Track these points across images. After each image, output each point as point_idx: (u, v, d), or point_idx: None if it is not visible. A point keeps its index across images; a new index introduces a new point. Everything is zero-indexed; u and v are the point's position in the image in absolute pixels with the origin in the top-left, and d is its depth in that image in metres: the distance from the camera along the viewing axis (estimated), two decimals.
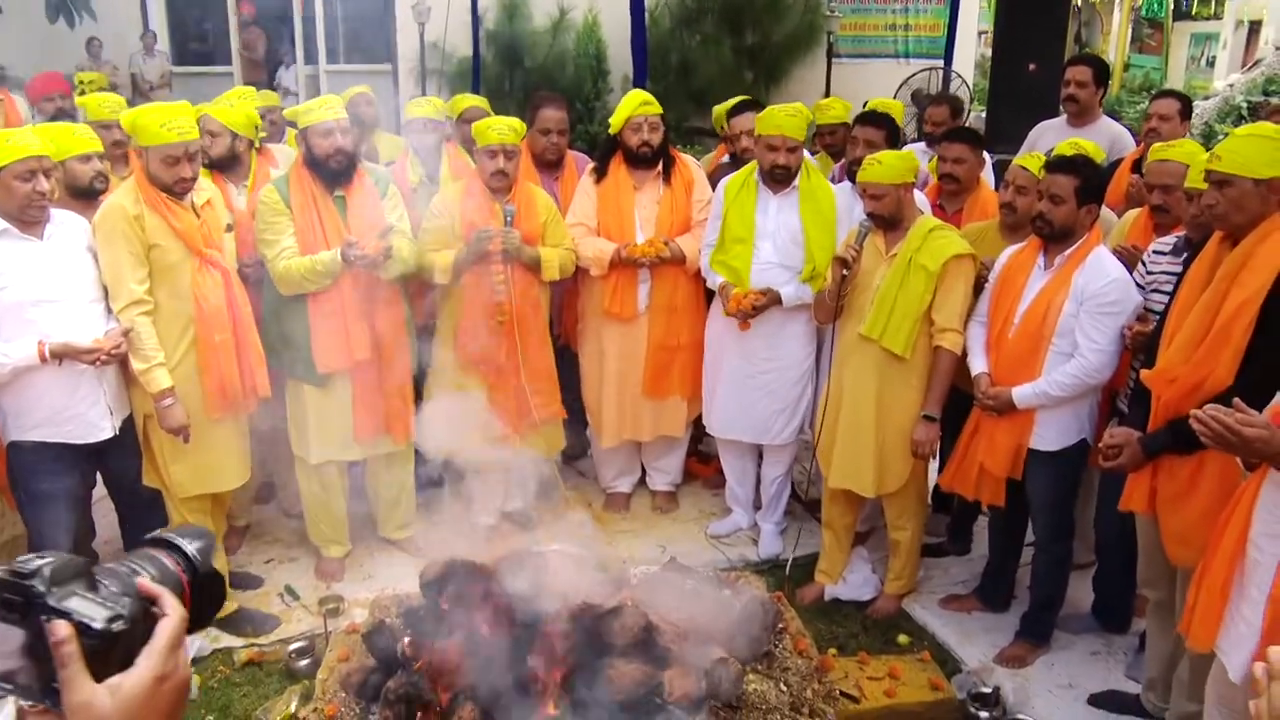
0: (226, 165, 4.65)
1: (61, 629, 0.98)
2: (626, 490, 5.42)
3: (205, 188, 4.12)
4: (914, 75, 10.34)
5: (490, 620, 3.19)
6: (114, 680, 1.01)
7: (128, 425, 4.05)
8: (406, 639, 3.36)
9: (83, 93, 6.05)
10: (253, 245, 4.39)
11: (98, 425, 3.89)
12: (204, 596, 1.17)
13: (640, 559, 4.54)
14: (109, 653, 1.01)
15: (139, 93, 11.69)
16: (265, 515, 5.31)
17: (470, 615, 3.23)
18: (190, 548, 1.17)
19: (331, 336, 4.35)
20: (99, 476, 4.23)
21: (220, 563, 4.42)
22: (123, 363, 3.92)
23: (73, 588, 1.02)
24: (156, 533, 1.18)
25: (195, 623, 1.13)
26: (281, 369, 4.44)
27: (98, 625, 1.00)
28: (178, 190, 3.87)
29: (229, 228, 4.20)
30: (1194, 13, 19.21)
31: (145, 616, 1.06)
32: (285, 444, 4.81)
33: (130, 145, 4.05)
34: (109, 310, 3.88)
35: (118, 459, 4.07)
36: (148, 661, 1.04)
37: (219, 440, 4.18)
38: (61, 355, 3.66)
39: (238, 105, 4.87)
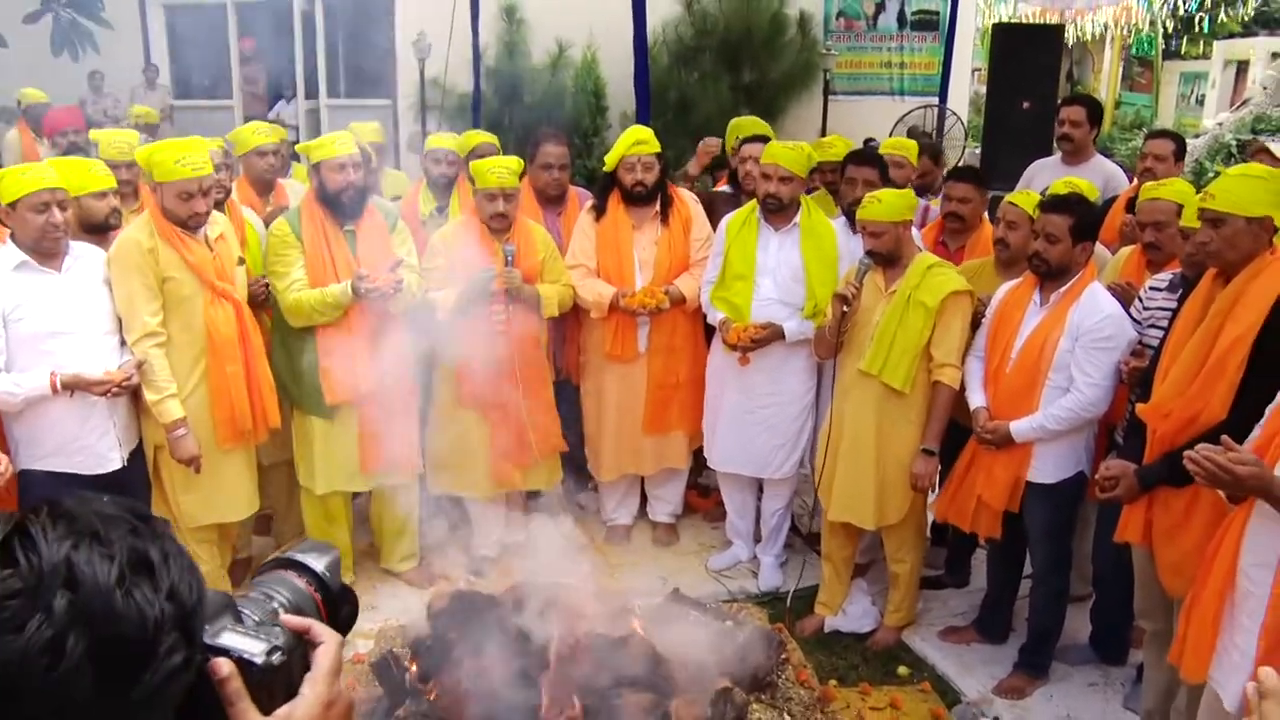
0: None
1: (224, 666, 0.99)
2: (627, 522, 5.46)
3: (218, 221, 4.19)
4: (909, 112, 10.46)
5: (498, 650, 3.23)
6: (282, 711, 1.03)
7: (137, 456, 4.10)
8: (413, 668, 3.40)
9: (136, 125, 6.14)
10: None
11: (106, 457, 3.94)
12: (339, 611, 1.18)
13: (643, 591, 4.57)
14: (272, 685, 1.03)
15: (140, 126, 11.77)
16: (266, 546, 5.33)
17: (477, 645, 3.27)
18: (318, 565, 1.18)
19: (340, 368, 4.40)
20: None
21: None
22: (134, 394, 3.97)
23: (222, 623, 1.03)
24: (281, 553, 1.19)
25: None
26: (288, 400, 4.50)
27: (259, 660, 1.02)
28: (192, 224, 3.94)
29: (241, 260, 4.26)
30: (1183, 52, 19.49)
31: (299, 643, 1.08)
32: (283, 476, 4.85)
33: (143, 179, 4.13)
34: (123, 342, 3.93)
35: (127, 490, 4.10)
36: (313, 689, 1.06)
37: (229, 471, 4.23)
38: (72, 387, 3.72)
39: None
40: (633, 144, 4.94)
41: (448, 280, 4.67)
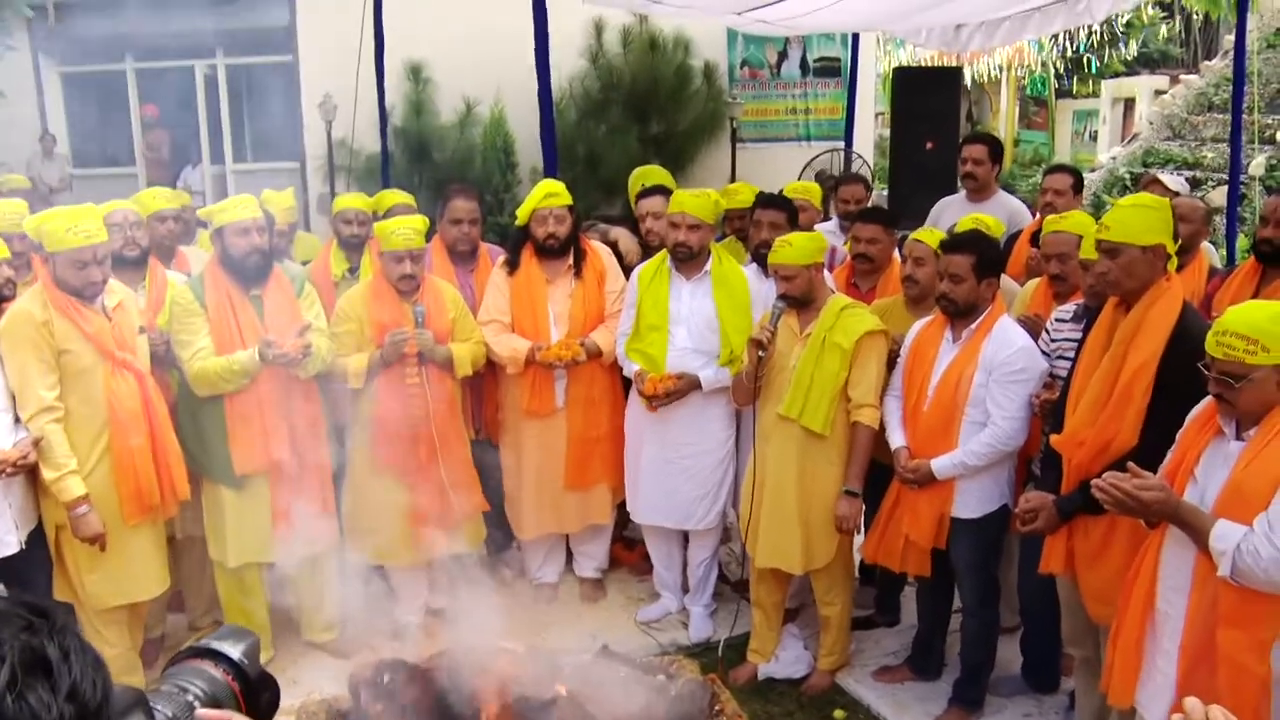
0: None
1: None
2: (553, 580, 5.36)
3: (116, 289, 4.05)
4: (816, 157, 10.67)
5: (425, 718, 3.12)
6: None
7: (36, 538, 3.91)
8: None
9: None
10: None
11: (3, 540, 3.76)
12: (259, 699, 1.12)
13: (572, 649, 4.47)
14: None
15: (38, 196, 11.48)
16: (180, 624, 5.12)
17: (402, 715, 3.16)
18: (235, 653, 1.12)
19: (249, 436, 4.28)
20: (5, 592, 4.05)
21: (137, 679, 4.25)
22: (31, 472, 3.80)
23: (135, 717, 0.98)
24: (196, 641, 1.13)
25: None
26: (197, 471, 4.35)
27: None
28: (88, 294, 3.81)
29: (141, 329, 4.12)
30: (1075, 91, 20.23)
31: None
32: (195, 549, 4.68)
33: (32, 251, 3.99)
34: (17, 419, 3.77)
35: (26, 574, 3.91)
36: None
37: (137, 548, 4.06)
38: None
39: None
40: (544, 196, 4.92)
41: (358, 343, 4.59)
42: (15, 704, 0.82)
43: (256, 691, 1.12)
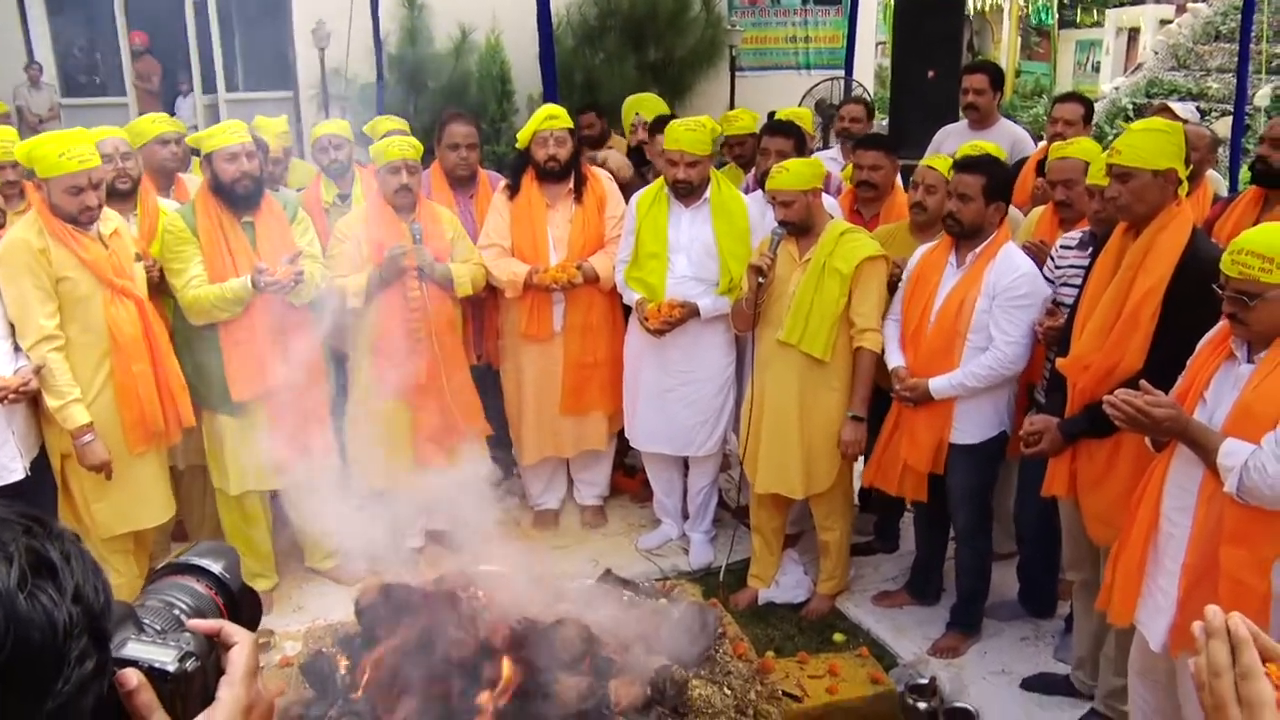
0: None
1: (132, 678, 0.93)
2: (554, 506, 5.39)
3: (111, 216, 4.00)
4: (816, 85, 10.50)
5: (429, 642, 3.14)
6: (200, 718, 0.97)
7: (42, 466, 3.91)
8: (344, 667, 3.29)
9: None
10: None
11: (7, 467, 3.75)
12: (243, 615, 1.11)
13: (574, 574, 4.51)
14: (187, 693, 0.97)
15: (26, 126, 11.32)
16: None
17: (409, 639, 3.19)
18: (216, 567, 1.11)
19: (245, 364, 4.26)
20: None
21: None
22: (33, 401, 3.79)
23: (125, 634, 0.96)
24: (175, 558, 1.12)
25: None
26: (196, 400, 4.33)
27: (171, 668, 0.96)
28: (83, 220, 3.76)
29: (138, 256, 4.08)
30: (1078, 21, 19.96)
31: (211, 647, 1.03)
32: (198, 479, 4.69)
33: (26, 178, 3.92)
34: (18, 348, 3.74)
35: (31, 501, 3.90)
36: (231, 692, 1.00)
37: (142, 475, 4.06)
38: None
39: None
40: (545, 119, 4.87)
41: (355, 265, 4.56)
42: (29, 602, 0.80)
43: (239, 606, 1.12)
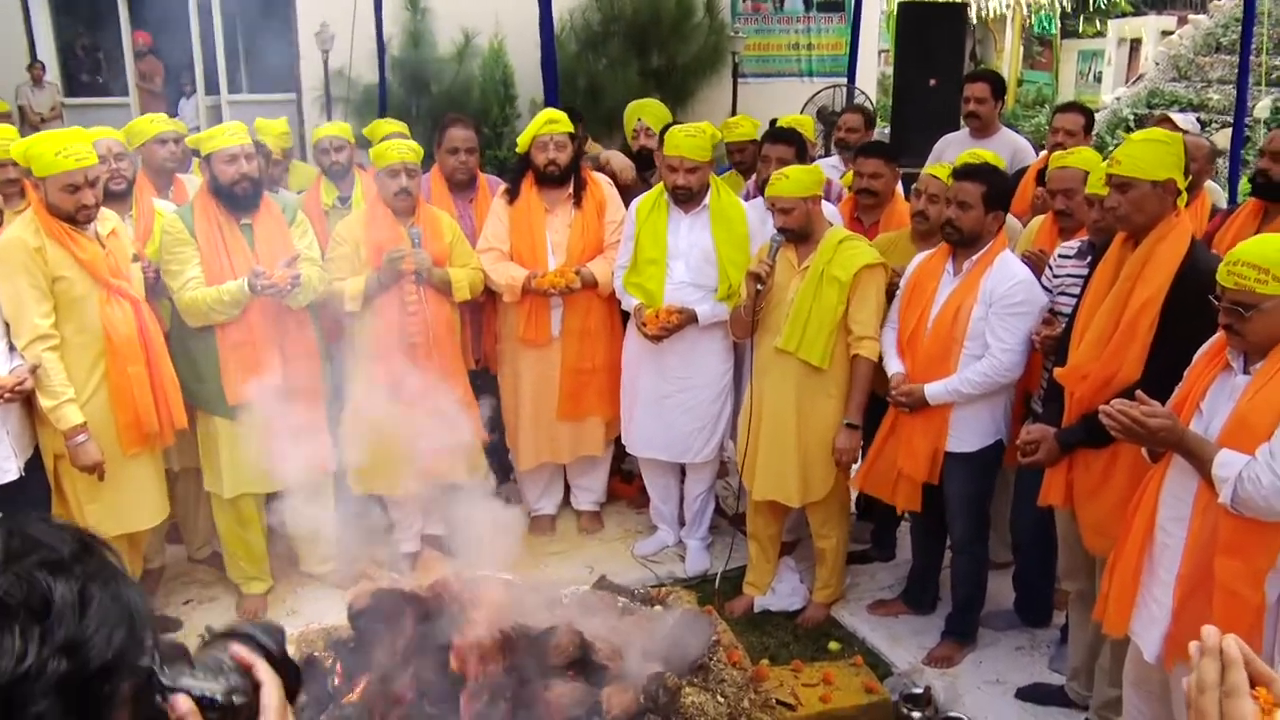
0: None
1: (182, 703, 0.96)
2: (551, 512, 5.38)
3: (109, 217, 3.99)
4: (818, 93, 10.52)
5: (422, 647, 3.13)
6: None
7: (35, 466, 3.90)
8: (336, 672, 3.28)
9: None
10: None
11: (1, 467, 3.73)
12: (285, 681, 1.16)
13: (569, 580, 4.50)
14: None
15: (28, 125, 11.32)
16: (179, 555, 5.14)
17: (401, 643, 3.18)
18: (264, 638, 1.17)
19: (241, 367, 4.24)
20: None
21: None
22: (27, 401, 3.78)
23: (179, 668, 1.01)
24: (226, 626, 1.18)
25: None
26: (191, 402, 4.33)
27: (220, 698, 1.01)
28: (80, 219, 3.75)
29: (135, 257, 4.07)
30: (1080, 31, 19.99)
31: (254, 689, 1.08)
32: (191, 481, 4.67)
33: (27, 177, 3.92)
34: (12, 348, 3.73)
35: (25, 502, 3.90)
36: None
37: (135, 477, 4.05)
38: None
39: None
40: (545, 123, 4.87)
41: (354, 268, 4.55)
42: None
43: (280, 671, 1.17)
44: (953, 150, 5.69)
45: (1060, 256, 3.98)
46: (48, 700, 0.78)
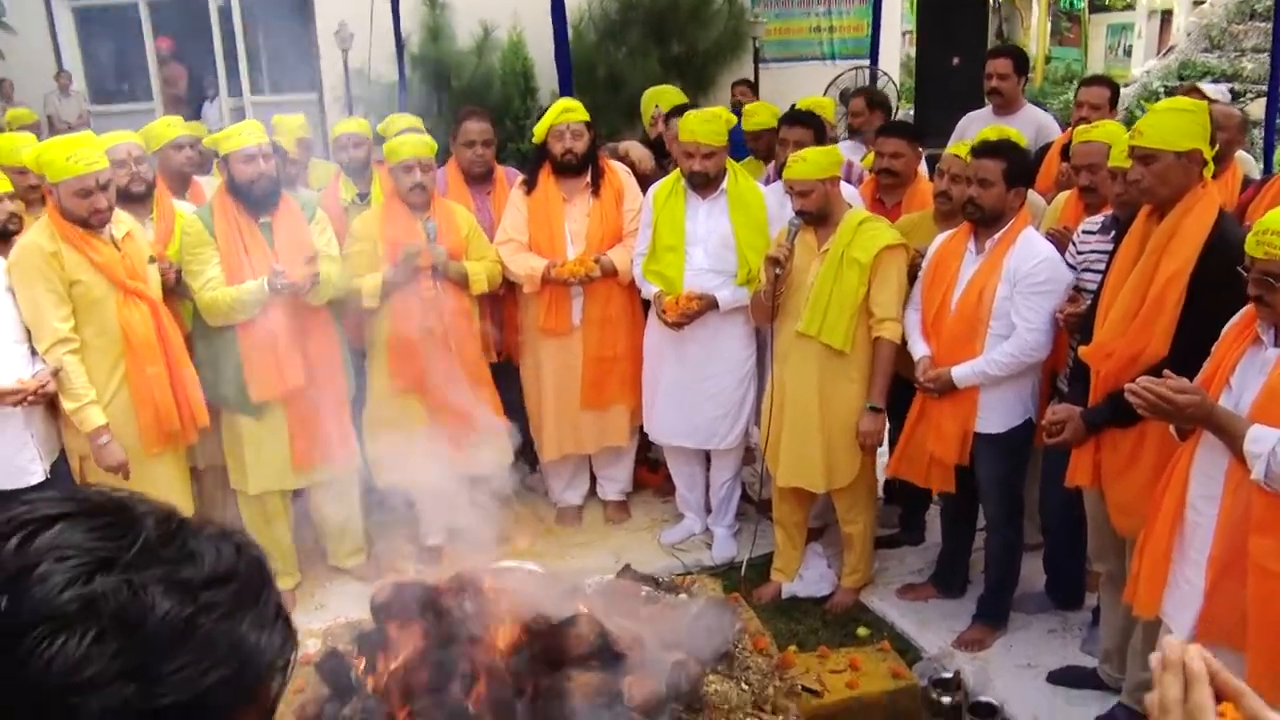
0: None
1: None
2: (577, 502, 5.37)
3: (124, 220, 4.02)
4: (841, 75, 10.42)
5: (444, 638, 3.12)
6: None
7: (61, 468, 3.94)
8: (360, 665, 3.28)
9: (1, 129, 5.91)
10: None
11: (27, 469, 3.78)
12: None
13: (595, 570, 4.48)
14: None
15: (56, 133, 11.43)
16: None
17: (423, 635, 3.17)
18: None
19: (264, 364, 4.26)
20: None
21: None
22: (51, 403, 3.81)
23: None
24: None
25: None
26: (215, 400, 4.35)
27: None
28: (94, 223, 3.77)
29: (152, 259, 4.09)
30: (1109, 4, 19.69)
31: None
32: (218, 478, 4.70)
33: (43, 184, 3.95)
34: (33, 352, 3.77)
35: None
36: None
37: (160, 475, 4.08)
38: None
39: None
40: (561, 112, 4.85)
41: (371, 264, 4.56)
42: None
43: None
44: (975, 128, 5.59)
45: (1084, 232, 3.91)
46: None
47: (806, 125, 4.89)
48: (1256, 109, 10.42)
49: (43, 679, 0.71)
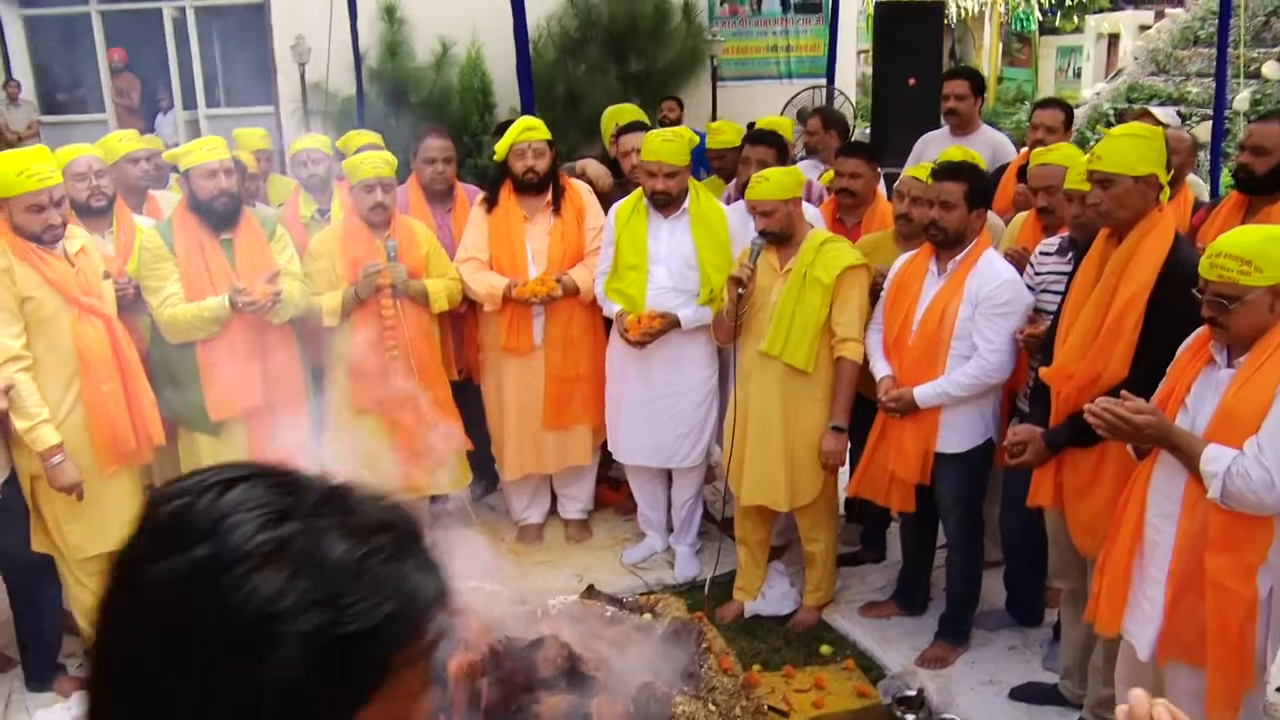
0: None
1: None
2: (539, 521, 5.33)
3: (78, 235, 3.94)
4: (798, 94, 10.52)
5: None
6: None
7: (11, 488, 3.84)
8: None
9: None
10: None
11: None
12: None
13: (557, 589, 4.46)
14: None
15: (4, 143, 11.26)
16: None
17: None
18: None
19: (223, 383, 4.20)
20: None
21: None
22: (1, 423, 3.72)
23: None
24: None
25: None
26: (173, 418, 4.28)
27: None
28: (47, 238, 3.69)
29: (106, 274, 4.02)
30: (1058, 27, 20.07)
31: None
32: None
33: None
34: None
35: (3, 525, 3.85)
36: None
37: (115, 495, 3.98)
38: None
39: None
40: (522, 130, 4.83)
41: (330, 282, 4.52)
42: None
43: None
44: (933, 149, 5.67)
45: (1041, 253, 3.97)
46: (296, 649, 0.81)
47: (770, 145, 4.91)
48: (1202, 132, 10.65)
49: (244, 610, 0.81)
